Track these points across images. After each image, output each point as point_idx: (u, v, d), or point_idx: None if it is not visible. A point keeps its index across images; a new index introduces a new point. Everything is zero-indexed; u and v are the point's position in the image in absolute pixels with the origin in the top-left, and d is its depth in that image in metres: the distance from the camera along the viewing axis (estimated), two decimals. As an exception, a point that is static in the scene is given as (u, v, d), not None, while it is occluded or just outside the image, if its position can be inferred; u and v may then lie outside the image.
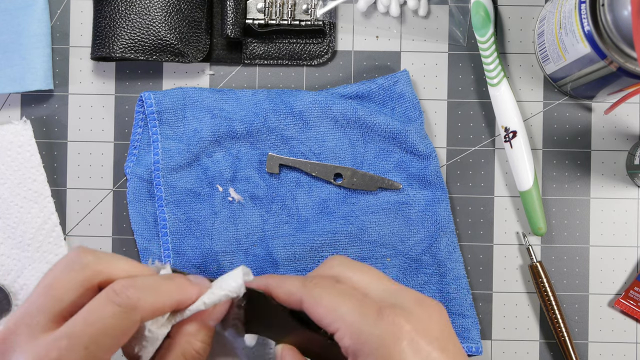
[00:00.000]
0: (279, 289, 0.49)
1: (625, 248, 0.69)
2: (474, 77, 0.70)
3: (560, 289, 0.69)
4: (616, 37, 0.56)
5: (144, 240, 0.67)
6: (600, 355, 0.69)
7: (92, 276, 0.45)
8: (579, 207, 0.69)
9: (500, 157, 0.70)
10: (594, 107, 0.70)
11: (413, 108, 0.68)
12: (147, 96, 0.67)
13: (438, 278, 0.67)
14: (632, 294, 0.68)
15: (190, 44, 0.68)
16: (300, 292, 0.48)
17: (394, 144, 0.68)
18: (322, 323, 0.46)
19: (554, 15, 0.63)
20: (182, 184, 0.67)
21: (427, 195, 0.67)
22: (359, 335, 0.45)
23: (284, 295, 0.48)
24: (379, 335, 0.45)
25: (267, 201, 0.68)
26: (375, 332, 0.45)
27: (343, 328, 0.45)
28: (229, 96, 0.68)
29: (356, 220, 0.66)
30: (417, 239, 0.67)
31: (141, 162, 0.68)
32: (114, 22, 0.66)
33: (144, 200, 0.67)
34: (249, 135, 0.67)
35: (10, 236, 0.68)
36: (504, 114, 0.68)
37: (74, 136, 0.70)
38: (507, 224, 0.69)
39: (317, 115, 0.67)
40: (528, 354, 0.69)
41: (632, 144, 0.69)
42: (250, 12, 0.69)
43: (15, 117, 0.70)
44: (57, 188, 0.69)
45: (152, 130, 0.67)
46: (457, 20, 0.69)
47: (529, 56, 0.70)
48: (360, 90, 0.68)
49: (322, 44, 0.70)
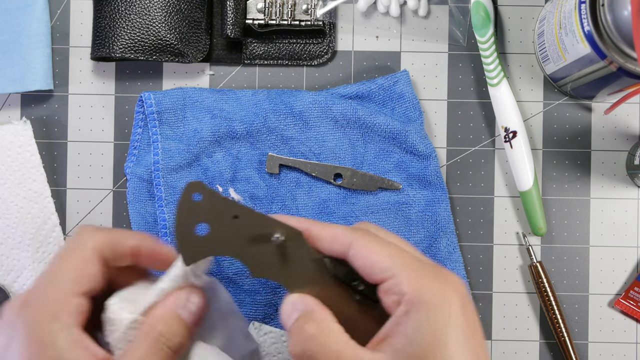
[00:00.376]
0: (322, 230, 0.47)
1: (625, 248, 0.69)
2: (474, 77, 0.70)
3: (560, 289, 0.69)
4: (616, 37, 0.56)
5: None
6: (600, 355, 0.69)
7: None
8: (579, 207, 0.69)
9: (500, 157, 0.70)
10: (594, 107, 0.70)
11: (413, 108, 0.68)
12: (147, 96, 0.67)
13: (438, 278, 0.67)
14: (632, 294, 0.68)
15: (190, 44, 0.68)
16: (350, 237, 0.46)
17: (394, 144, 0.68)
18: (374, 269, 0.45)
19: (554, 16, 0.63)
20: (182, 184, 0.67)
21: (427, 196, 0.67)
22: (419, 283, 0.43)
23: (330, 237, 0.47)
24: (440, 288, 0.44)
25: (267, 201, 0.68)
26: (436, 285, 0.44)
27: (401, 275, 0.44)
28: (229, 96, 0.68)
29: (356, 220, 0.67)
30: (417, 239, 0.67)
31: (141, 162, 0.68)
32: (114, 22, 0.66)
33: (144, 200, 0.67)
34: (249, 135, 0.67)
35: (10, 236, 0.68)
36: (504, 114, 0.68)
37: (74, 136, 0.70)
38: (507, 224, 0.69)
39: (317, 116, 0.67)
40: (528, 354, 0.69)
41: (632, 144, 0.69)
42: (250, 12, 0.69)
43: (15, 117, 0.70)
44: (57, 188, 0.69)
45: (152, 131, 0.67)
46: (457, 21, 0.69)
47: (529, 56, 0.70)
48: (360, 91, 0.68)
49: (322, 44, 0.70)
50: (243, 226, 0.47)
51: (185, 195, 0.46)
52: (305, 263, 0.47)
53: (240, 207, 0.47)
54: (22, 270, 0.67)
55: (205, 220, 0.46)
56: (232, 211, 0.47)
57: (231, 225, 0.47)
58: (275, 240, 0.47)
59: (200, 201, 0.47)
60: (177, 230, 0.46)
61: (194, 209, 0.46)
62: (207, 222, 0.46)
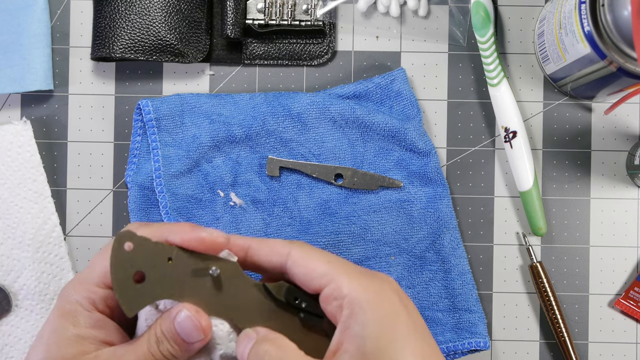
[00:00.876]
0: (261, 245, 0.48)
1: (625, 248, 0.69)
2: (474, 77, 0.70)
3: (560, 289, 0.69)
4: (616, 37, 0.56)
5: None
6: (600, 355, 0.69)
7: None
8: (579, 207, 0.69)
9: (500, 157, 0.70)
10: (594, 107, 0.70)
11: (411, 106, 0.68)
12: (144, 104, 0.67)
13: (443, 274, 0.67)
14: (632, 294, 0.68)
15: (190, 44, 0.68)
16: (288, 247, 0.47)
17: (393, 142, 0.68)
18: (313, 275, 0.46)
19: (554, 16, 0.63)
20: (183, 190, 0.66)
21: (429, 192, 0.67)
22: (357, 284, 0.45)
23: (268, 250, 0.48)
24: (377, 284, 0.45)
25: (269, 204, 0.67)
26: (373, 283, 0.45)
27: (340, 278, 0.45)
28: (227, 101, 0.68)
29: (358, 220, 0.67)
30: (420, 236, 0.67)
31: (141, 170, 0.67)
32: (114, 22, 0.66)
33: (145, 208, 0.67)
34: (248, 139, 0.67)
35: (10, 236, 0.67)
36: (504, 114, 0.68)
37: (74, 136, 0.70)
38: (507, 224, 0.69)
39: (315, 117, 0.67)
40: (528, 354, 0.69)
41: (632, 144, 0.69)
42: (250, 13, 0.69)
43: (15, 118, 0.70)
44: (57, 188, 0.69)
45: (151, 138, 0.67)
46: (457, 21, 0.69)
47: (529, 56, 0.70)
48: (357, 90, 0.68)
49: (322, 44, 0.70)
50: (179, 266, 0.47)
51: (116, 246, 0.46)
52: (246, 291, 0.48)
53: (173, 249, 0.47)
54: (22, 271, 0.67)
55: (140, 268, 0.46)
56: (166, 254, 0.47)
57: (167, 268, 0.47)
58: (212, 274, 0.47)
59: (133, 249, 0.46)
60: (114, 282, 0.46)
61: (127, 258, 0.46)
62: (142, 270, 0.46)
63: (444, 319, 0.67)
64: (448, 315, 0.67)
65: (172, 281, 0.47)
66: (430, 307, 0.67)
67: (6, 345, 0.67)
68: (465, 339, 0.66)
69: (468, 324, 0.66)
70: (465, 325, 0.66)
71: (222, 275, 0.47)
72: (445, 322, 0.67)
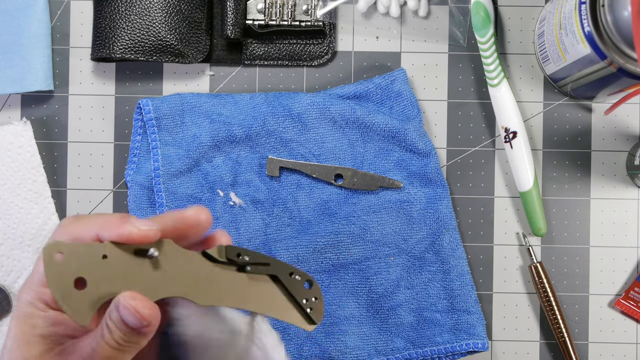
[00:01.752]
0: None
1: (626, 249, 0.69)
2: (474, 78, 0.70)
3: (561, 290, 0.69)
4: (616, 37, 0.56)
5: None
6: (600, 355, 0.69)
7: None
8: (579, 207, 0.69)
9: (501, 157, 0.70)
10: (594, 108, 0.70)
11: (411, 106, 0.68)
12: (144, 103, 0.67)
13: (442, 275, 0.67)
14: (632, 294, 0.68)
15: (190, 45, 0.68)
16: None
17: (393, 143, 0.68)
18: None
19: (554, 16, 0.63)
20: (182, 189, 0.66)
21: (428, 193, 0.67)
22: None
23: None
24: None
25: (269, 204, 0.67)
26: None
27: None
28: (227, 101, 0.68)
29: (358, 220, 0.67)
30: (420, 237, 0.67)
31: (141, 169, 0.68)
32: (114, 22, 0.66)
33: (145, 208, 0.67)
34: (248, 139, 0.67)
35: (10, 237, 0.68)
36: (504, 114, 0.68)
37: (74, 137, 0.70)
38: (507, 224, 0.69)
39: (315, 117, 0.67)
40: (528, 355, 0.69)
41: (632, 145, 0.69)
42: (250, 13, 0.69)
43: (16, 118, 0.70)
44: (57, 189, 0.69)
45: (151, 137, 0.67)
46: (457, 21, 0.69)
47: (529, 57, 0.70)
48: (358, 90, 0.68)
49: (322, 44, 0.70)
50: (116, 261, 0.46)
51: (47, 260, 0.44)
52: (190, 264, 0.47)
53: (105, 246, 0.46)
54: (22, 271, 0.67)
55: (77, 274, 0.45)
56: (99, 252, 0.46)
57: (104, 266, 0.46)
58: (152, 255, 0.46)
59: (65, 258, 0.45)
60: (56, 297, 0.44)
61: (61, 269, 0.45)
62: (80, 275, 0.45)
63: (442, 320, 0.67)
64: (446, 316, 0.67)
65: (112, 277, 0.46)
66: (429, 307, 0.67)
67: (6, 345, 0.67)
68: (463, 340, 0.66)
69: (466, 325, 0.66)
70: (463, 327, 0.66)
71: (160, 255, 0.47)
72: (444, 323, 0.67)
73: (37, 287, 0.48)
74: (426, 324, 0.67)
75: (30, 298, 0.48)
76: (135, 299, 0.45)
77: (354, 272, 0.67)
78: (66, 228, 0.47)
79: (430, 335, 0.67)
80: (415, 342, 0.67)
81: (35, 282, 0.48)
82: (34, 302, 0.48)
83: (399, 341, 0.67)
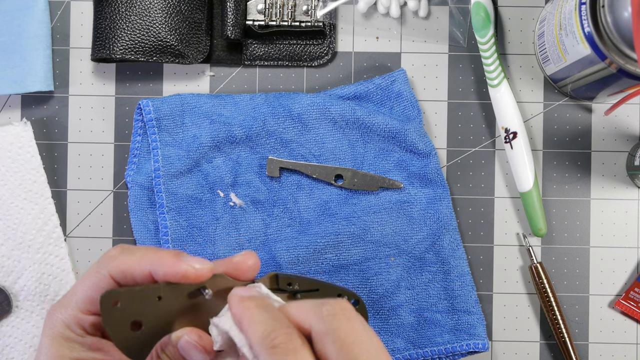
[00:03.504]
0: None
1: (626, 249, 0.69)
2: (474, 78, 0.70)
3: (561, 290, 0.69)
4: (616, 38, 0.56)
5: None
6: (600, 356, 0.69)
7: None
8: (579, 208, 0.69)
9: (501, 158, 0.70)
10: (594, 108, 0.70)
11: (411, 107, 0.68)
12: (145, 103, 0.67)
13: (442, 276, 0.67)
14: (633, 294, 0.68)
15: (190, 45, 0.68)
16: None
17: (393, 143, 0.68)
18: None
19: (554, 17, 0.63)
20: (183, 190, 0.66)
21: (429, 193, 0.67)
22: None
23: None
24: None
25: (269, 205, 0.68)
26: None
27: None
28: (227, 101, 0.68)
29: (358, 220, 0.67)
30: (420, 237, 0.67)
31: (141, 170, 0.68)
32: (114, 23, 0.66)
33: (145, 208, 0.67)
34: (249, 139, 0.67)
35: (10, 237, 0.68)
36: (504, 115, 0.68)
37: (74, 137, 0.70)
38: (507, 225, 0.69)
39: (315, 117, 0.67)
40: (528, 355, 0.69)
41: (632, 145, 0.69)
42: (250, 13, 0.69)
43: (16, 119, 0.70)
44: (58, 189, 0.69)
45: (151, 138, 0.67)
46: (458, 21, 0.70)
47: (529, 57, 0.70)
48: (358, 91, 0.68)
49: (323, 45, 0.70)
50: (170, 300, 0.46)
51: (104, 308, 0.45)
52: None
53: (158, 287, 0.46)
54: (22, 272, 0.67)
55: (133, 318, 0.45)
56: (154, 294, 0.46)
57: (159, 307, 0.46)
58: (205, 295, 0.47)
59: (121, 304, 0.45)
60: (116, 341, 0.45)
61: (118, 314, 0.45)
62: (136, 318, 0.46)
63: (442, 321, 0.67)
64: (447, 316, 0.67)
65: (168, 317, 0.46)
66: (429, 308, 0.67)
67: (7, 346, 0.67)
68: (463, 341, 0.66)
69: (467, 325, 0.66)
70: (464, 327, 0.66)
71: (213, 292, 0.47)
72: (444, 323, 0.67)
73: (74, 311, 0.48)
74: (426, 325, 0.67)
75: (66, 320, 0.47)
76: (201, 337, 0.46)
77: (354, 272, 0.67)
78: (115, 260, 0.47)
79: (430, 335, 0.67)
80: (416, 343, 0.67)
81: (72, 305, 0.48)
82: (71, 326, 0.47)
83: (400, 341, 0.67)
